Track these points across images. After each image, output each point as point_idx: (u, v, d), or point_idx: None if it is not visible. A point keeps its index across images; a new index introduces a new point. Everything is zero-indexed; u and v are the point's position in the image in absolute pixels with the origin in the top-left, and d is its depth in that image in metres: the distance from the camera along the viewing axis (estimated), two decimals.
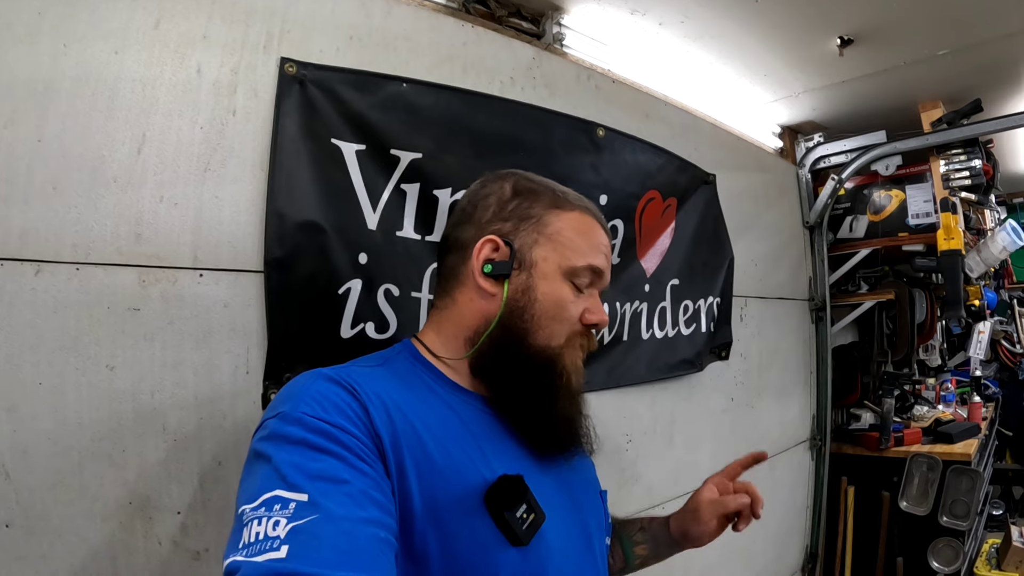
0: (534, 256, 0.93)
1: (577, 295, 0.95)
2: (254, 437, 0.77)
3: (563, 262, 0.94)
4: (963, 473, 2.66)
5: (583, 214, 0.98)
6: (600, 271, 0.97)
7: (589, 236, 0.97)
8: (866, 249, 3.02)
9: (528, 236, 0.94)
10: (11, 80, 0.94)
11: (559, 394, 0.93)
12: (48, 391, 0.96)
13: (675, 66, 2.24)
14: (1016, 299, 4.42)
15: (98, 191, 1.01)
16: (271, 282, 1.16)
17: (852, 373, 3.25)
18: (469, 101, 1.49)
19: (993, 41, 2.22)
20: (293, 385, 0.82)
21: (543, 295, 0.92)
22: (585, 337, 0.97)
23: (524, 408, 0.92)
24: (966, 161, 2.70)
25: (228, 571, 0.61)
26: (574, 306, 0.94)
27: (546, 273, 0.93)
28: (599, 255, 0.97)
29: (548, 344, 0.92)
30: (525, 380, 0.92)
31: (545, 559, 0.83)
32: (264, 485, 0.67)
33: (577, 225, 0.96)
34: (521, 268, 0.93)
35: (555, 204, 0.97)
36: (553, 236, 0.94)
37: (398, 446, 0.77)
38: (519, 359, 0.92)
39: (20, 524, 0.93)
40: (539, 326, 0.92)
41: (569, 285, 0.94)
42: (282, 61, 1.20)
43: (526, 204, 0.96)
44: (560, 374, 0.93)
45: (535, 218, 0.95)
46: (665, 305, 2.04)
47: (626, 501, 1.93)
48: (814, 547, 3.02)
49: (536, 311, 0.92)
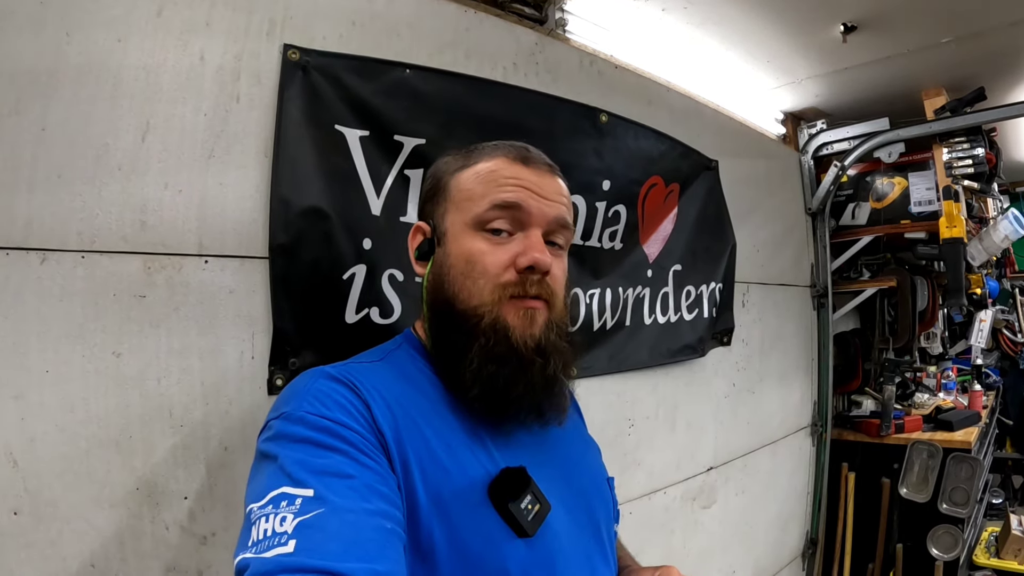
0: (445, 225, 0.91)
1: (497, 244, 0.87)
2: (259, 438, 0.78)
3: (466, 216, 0.88)
4: (963, 461, 2.68)
5: (490, 160, 0.91)
6: (511, 203, 0.87)
7: (491, 177, 0.89)
8: (868, 236, 3.03)
9: (439, 208, 0.92)
10: (14, 69, 0.94)
11: (488, 350, 0.84)
12: (55, 379, 0.96)
13: (678, 52, 2.22)
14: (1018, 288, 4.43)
15: (103, 179, 1.01)
16: (276, 268, 1.16)
17: (853, 360, 3.26)
18: (472, 87, 1.48)
19: (997, 29, 2.21)
20: (295, 384, 0.83)
21: (455, 258, 0.88)
22: (521, 285, 0.86)
23: (452, 371, 0.87)
24: (969, 149, 2.70)
25: (238, 569, 0.62)
26: (490, 256, 0.86)
27: (455, 235, 0.89)
28: (506, 189, 0.87)
29: (469, 304, 0.86)
30: (452, 344, 0.87)
31: (553, 549, 0.83)
32: (270, 483, 0.68)
33: (478, 173, 0.90)
34: (440, 243, 0.91)
35: (460, 166, 0.92)
36: (454, 196, 0.91)
37: (401, 441, 0.78)
38: (447, 328, 0.88)
39: (28, 511, 0.93)
40: (458, 288, 0.87)
41: (482, 236, 0.87)
42: (285, 47, 1.19)
43: (437, 177, 0.94)
44: (487, 330, 0.85)
45: (443, 189, 0.93)
46: (667, 290, 2.04)
47: (628, 486, 1.94)
48: (814, 533, 3.04)
49: (452, 276, 0.88)
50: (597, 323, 1.79)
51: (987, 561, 2.88)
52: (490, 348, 0.84)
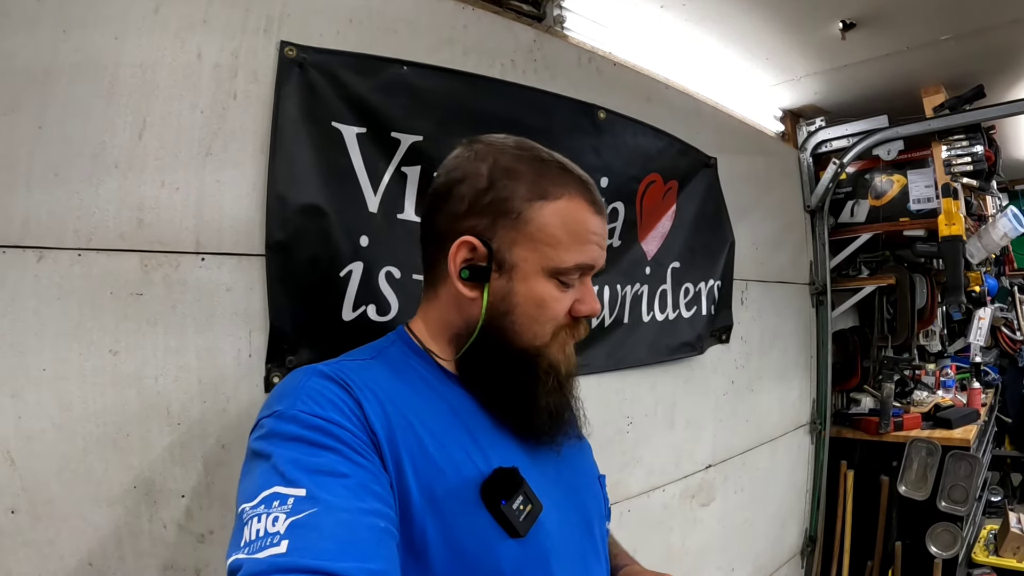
0: (514, 258, 0.86)
1: (564, 290, 0.89)
2: (251, 436, 0.78)
3: (546, 263, 0.86)
4: (962, 459, 2.67)
5: (571, 200, 0.88)
6: (591, 266, 0.90)
7: (577, 228, 0.87)
8: (867, 234, 3.02)
9: (506, 235, 0.86)
10: (10, 67, 0.94)
11: (547, 389, 0.89)
12: (52, 377, 0.96)
13: (677, 49, 2.22)
14: (1017, 286, 4.43)
15: (99, 177, 1.01)
16: (273, 266, 1.16)
17: (852, 357, 3.26)
18: (470, 84, 1.48)
19: (996, 27, 2.21)
20: (287, 383, 0.83)
21: (524, 298, 0.87)
22: (574, 328, 0.92)
23: (512, 405, 0.90)
24: (968, 147, 2.69)
25: (231, 570, 0.62)
26: (559, 304, 0.88)
27: (527, 274, 0.86)
28: (589, 248, 0.89)
29: (532, 344, 0.88)
30: (511, 380, 0.89)
31: (546, 548, 0.83)
32: (263, 483, 0.68)
33: (563, 217, 0.87)
34: (500, 271, 0.87)
35: (537, 193, 0.86)
36: (534, 235, 0.86)
37: (393, 440, 0.78)
38: (504, 362, 0.89)
39: (26, 510, 0.93)
40: (522, 329, 0.87)
41: (554, 283, 0.87)
42: (282, 44, 1.19)
43: (504, 196, 0.86)
44: (547, 371, 0.89)
45: (514, 214, 0.85)
46: (666, 288, 2.04)
47: (627, 483, 1.94)
48: (813, 530, 3.04)
49: (517, 315, 0.87)
50: (595, 320, 1.79)
51: (986, 559, 2.88)
52: (550, 385, 0.90)
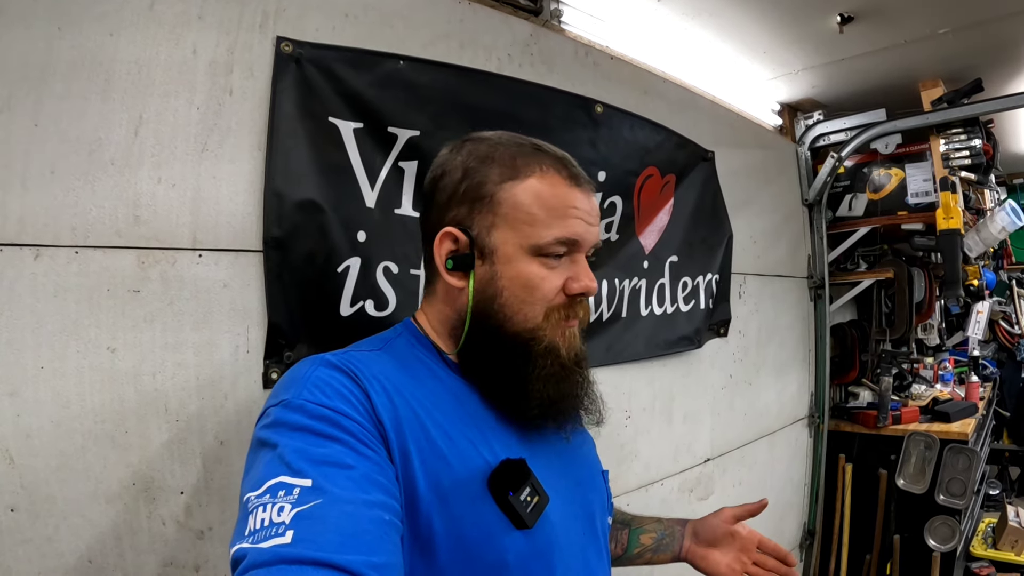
0: (494, 241, 0.86)
1: (551, 268, 0.87)
2: (257, 425, 0.77)
3: (524, 241, 0.86)
4: (960, 452, 2.68)
5: (543, 176, 0.87)
6: (573, 240, 0.87)
7: (553, 203, 0.86)
8: (865, 227, 3.02)
9: (484, 220, 0.87)
10: (6, 64, 0.93)
11: (543, 374, 0.88)
12: (50, 375, 0.96)
13: (673, 43, 2.22)
14: (1015, 280, 4.44)
15: (96, 174, 1.01)
16: (270, 261, 1.16)
17: (850, 351, 3.26)
18: (466, 78, 1.48)
19: (994, 20, 2.20)
20: (294, 372, 0.82)
21: (510, 281, 0.86)
22: (569, 308, 0.90)
23: (505, 392, 0.89)
24: (966, 140, 2.69)
25: (235, 559, 0.62)
26: (548, 282, 0.87)
27: (509, 256, 0.86)
28: (569, 222, 0.87)
29: (525, 327, 0.87)
30: (505, 366, 0.88)
31: (551, 540, 0.84)
32: (268, 472, 0.67)
33: (537, 193, 0.86)
34: (483, 257, 0.87)
35: (508, 175, 0.87)
36: (509, 215, 0.86)
37: (401, 431, 0.78)
38: (498, 348, 0.88)
39: (25, 508, 0.94)
40: (512, 312, 0.87)
41: (539, 261, 0.86)
42: (278, 40, 1.19)
43: (477, 182, 0.87)
44: (544, 353, 0.88)
45: (487, 197, 0.86)
46: (664, 282, 2.04)
47: (625, 477, 1.95)
48: (811, 524, 3.05)
49: (506, 299, 0.86)
50: (593, 314, 1.79)
51: (984, 552, 2.88)
52: (547, 370, 0.88)
